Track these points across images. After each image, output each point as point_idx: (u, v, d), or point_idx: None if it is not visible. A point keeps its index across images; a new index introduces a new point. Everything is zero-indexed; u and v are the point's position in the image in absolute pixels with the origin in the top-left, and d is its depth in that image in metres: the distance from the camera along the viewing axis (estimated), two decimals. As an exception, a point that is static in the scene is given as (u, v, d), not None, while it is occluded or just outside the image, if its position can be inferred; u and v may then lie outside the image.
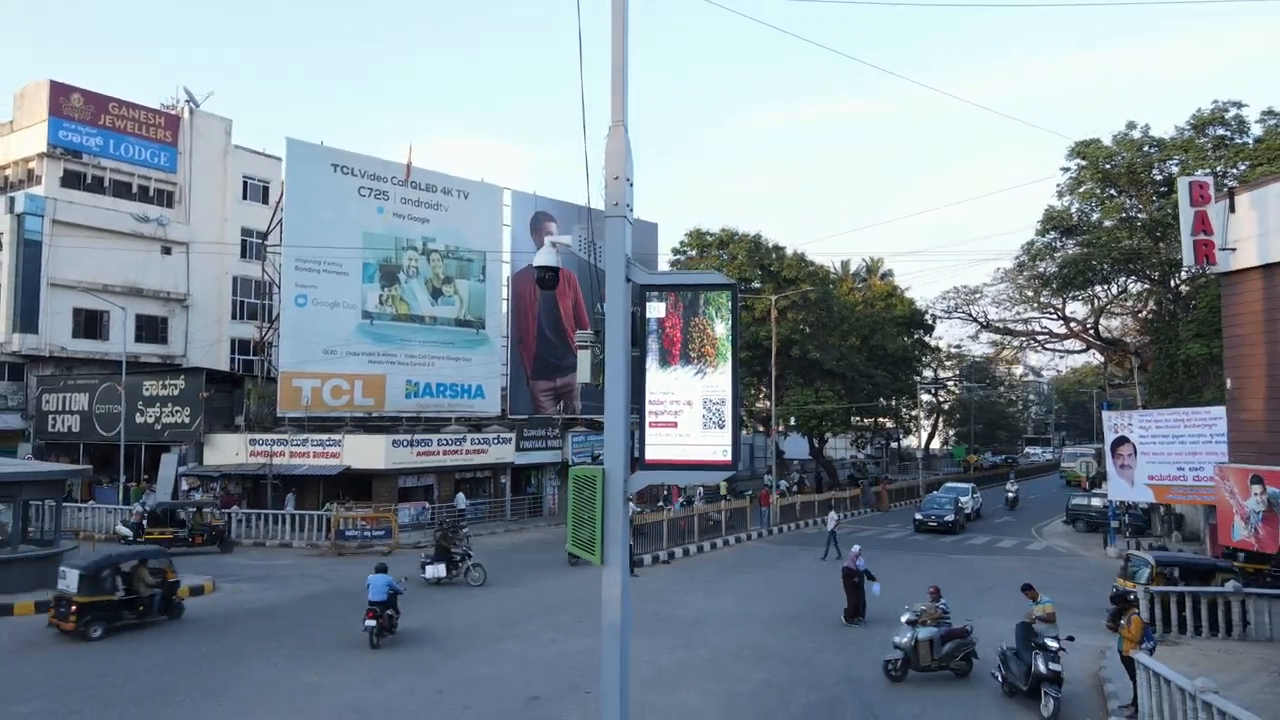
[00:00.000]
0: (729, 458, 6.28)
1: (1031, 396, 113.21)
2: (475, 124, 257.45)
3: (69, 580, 17.01)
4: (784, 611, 20.07)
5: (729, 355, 6.29)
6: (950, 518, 35.83)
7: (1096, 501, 35.72)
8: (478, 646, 16.47)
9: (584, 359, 7.51)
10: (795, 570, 26.18)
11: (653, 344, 6.36)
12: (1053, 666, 12.48)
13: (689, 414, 6.29)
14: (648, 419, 6.34)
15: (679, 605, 20.67)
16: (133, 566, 18.00)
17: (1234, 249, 12.85)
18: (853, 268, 72.08)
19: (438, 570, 22.58)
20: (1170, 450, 26.48)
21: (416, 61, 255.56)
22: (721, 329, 6.30)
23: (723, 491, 40.18)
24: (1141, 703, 11.71)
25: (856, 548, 19.77)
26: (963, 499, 38.68)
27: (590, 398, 41.53)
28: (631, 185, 6.53)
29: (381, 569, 16.89)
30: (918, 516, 36.60)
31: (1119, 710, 12.43)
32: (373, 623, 16.20)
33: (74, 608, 16.64)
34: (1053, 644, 12.69)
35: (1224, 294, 13.41)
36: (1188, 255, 13.27)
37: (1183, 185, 13.10)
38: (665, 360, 6.34)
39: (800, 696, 13.45)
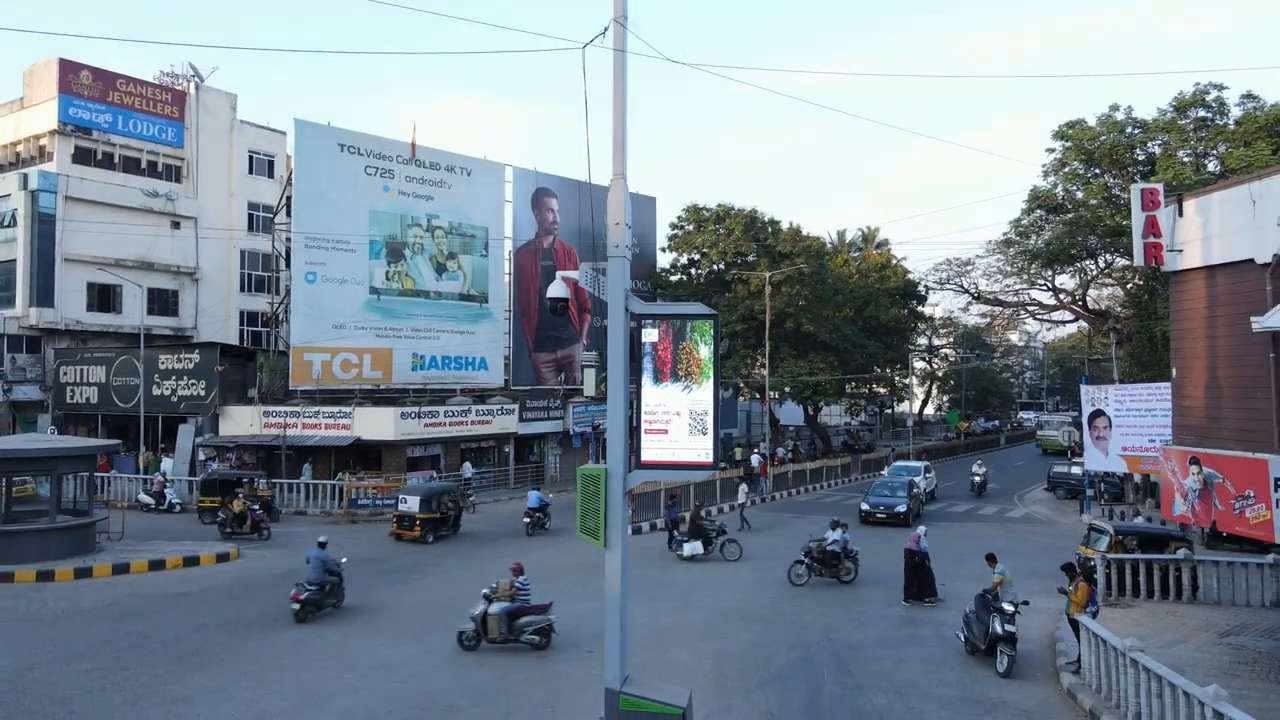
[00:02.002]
0: (710, 459, 7.55)
1: (1026, 362, 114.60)
2: (476, 84, 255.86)
3: (410, 504, 25.51)
4: (771, 575, 21.52)
5: (711, 374, 7.54)
6: (902, 508, 30.23)
7: (1076, 470, 36.87)
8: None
9: (589, 375, 8.75)
10: (784, 536, 27.62)
11: (647, 364, 7.61)
12: (1008, 628, 13.91)
13: (678, 423, 7.55)
14: (644, 426, 7.61)
15: (672, 569, 22.17)
16: (440, 495, 26.16)
17: (1181, 250, 14.06)
18: (849, 236, 73.13)
19: (695, 547, 23.14)
20: (1142, 423, 27.81)
21: (417, 23, 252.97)
22: (705, 352, 7.54)
23: (738, 456, 43.20)
24: (1083, 659, 13.18)
25: (922, 528, 19.42)
26: (916, 480, 34.26)
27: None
28: (630, 228, 7.76)
29: (536, 488, 29.79)
30: (864, 506, 30.82)
31: (1065, 666, 13.88)
32: (528, 520, 27.02)
33: (417, 522, 25.21)
34: (1008, 608, 14.11)
35: (1172, 291, 14.65)
36: (1139, 256, 14.51)
37: (1135, 191, 14.27)
38: (658, 377, 7.60)
39: (782, 655, 14.90)
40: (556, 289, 7.85)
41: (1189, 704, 9.99)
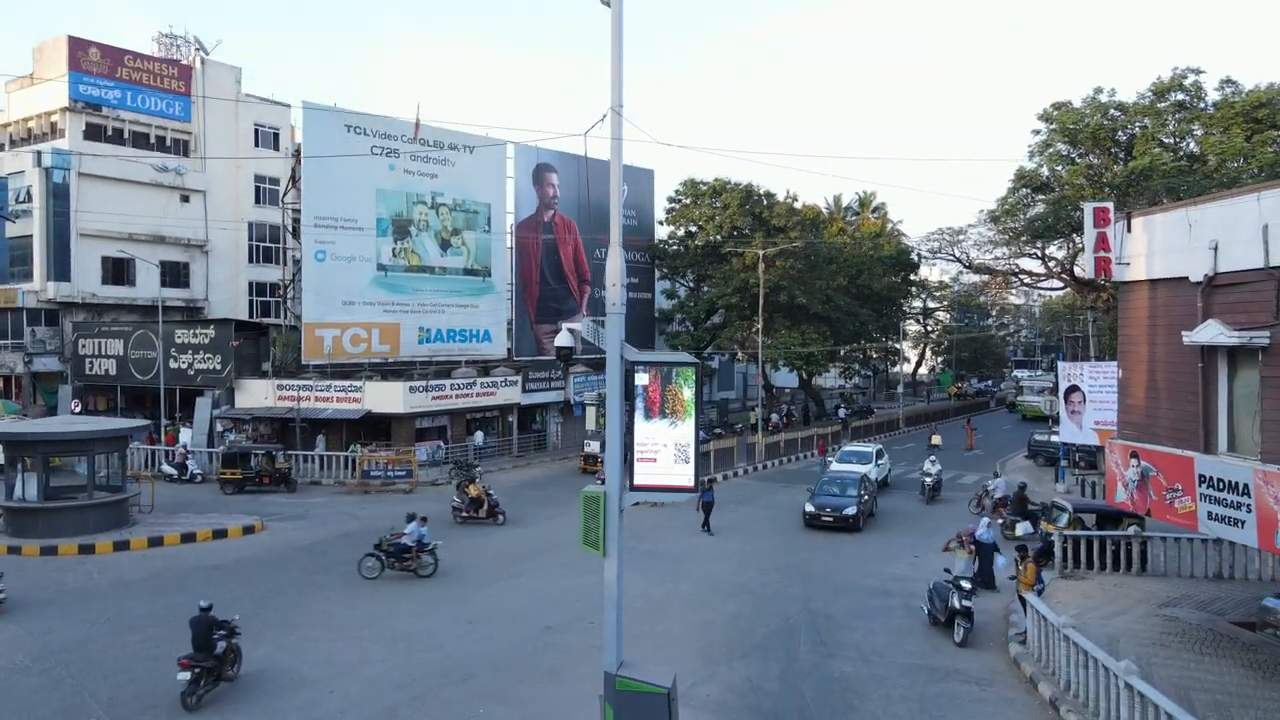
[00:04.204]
0: (692, 483, 9.03)
1: (1022, 320, 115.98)
2: (476, 37, 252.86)
3: (593, 447, 33.49)
4: (757, 548, 23.21)
5: (692, 412, 8.97)
6: (852, 510, 25.46)
7: (1057, 438, 38.33)
8: (502, 580, 19.59)
9: (590, 413, 10.19)
10: (771, 508, 29.27)
11: (639, 403, 9.05)
12: (965, 603, 15.57)
13: (665, 453, 9.00)
14: (636, 455, 9.07)
15: (669, 543, 23.78)
16: None
17: (1128, 264, 15.44)
18: (845, 201, 74.09)
19: (1025, 528, 23.13)
20: (1113, 399, 29.17)
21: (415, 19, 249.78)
22: (688, 393, 8.97)
23: (751, 421, 46.20)
24: (1028, 632, 14.85)
25: (986, 519, 19.47)
26: (869, 472, 29.86)
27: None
28: (625, 288, 9.17)
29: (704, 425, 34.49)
30: (809, 508, 26.14)
31: (1014, 637, 15.58)
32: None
33: (599, 459, 30.96)
34: (966, 584, 15.77)
35: (1120, 301, 16.03)
36: (1089, 269, 15.88)
37: (1088, 209, 15.56)
38: (648, 415, 9.03)
39: (764, 625, 16.58)
40: (563, 339, 9.31)
41: (1107, 675, 11.64)
